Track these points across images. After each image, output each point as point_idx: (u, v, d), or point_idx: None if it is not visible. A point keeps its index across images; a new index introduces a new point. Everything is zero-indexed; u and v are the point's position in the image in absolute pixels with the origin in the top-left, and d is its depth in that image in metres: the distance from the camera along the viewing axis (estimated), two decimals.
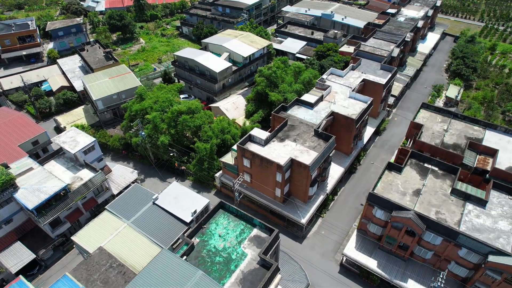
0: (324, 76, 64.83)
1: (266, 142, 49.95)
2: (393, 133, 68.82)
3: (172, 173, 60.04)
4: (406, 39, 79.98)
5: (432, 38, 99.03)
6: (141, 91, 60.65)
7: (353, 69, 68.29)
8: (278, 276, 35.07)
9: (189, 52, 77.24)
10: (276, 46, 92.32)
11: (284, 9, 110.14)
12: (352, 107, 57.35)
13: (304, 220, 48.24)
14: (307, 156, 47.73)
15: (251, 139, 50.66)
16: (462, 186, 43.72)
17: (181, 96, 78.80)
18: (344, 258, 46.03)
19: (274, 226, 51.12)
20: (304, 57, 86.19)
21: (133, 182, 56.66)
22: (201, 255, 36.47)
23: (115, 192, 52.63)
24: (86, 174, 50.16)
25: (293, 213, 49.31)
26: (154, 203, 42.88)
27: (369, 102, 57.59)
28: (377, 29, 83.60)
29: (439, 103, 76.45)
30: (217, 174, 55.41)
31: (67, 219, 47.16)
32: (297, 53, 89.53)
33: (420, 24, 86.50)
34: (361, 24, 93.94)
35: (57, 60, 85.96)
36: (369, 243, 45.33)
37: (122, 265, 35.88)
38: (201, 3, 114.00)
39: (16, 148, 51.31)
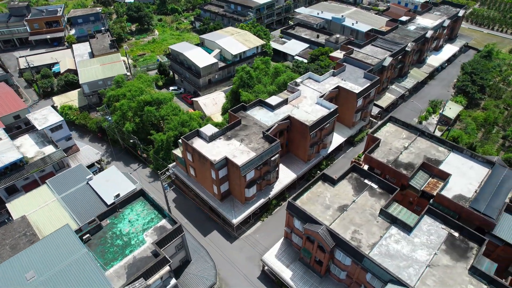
0: (299, 80, 63.48)
1: (212, 138, 50.48)
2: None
3: (135, 159, 62.85)
4: (407, 49, 75.05)
5: (449, 50, 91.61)
6: (119, 79, 64.12)
7: (333, 75, 65.95)
8: (166, 268, 35.72)
9: (182, 46, 79.72)
10: (276, 46, 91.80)
11: (297, 10, 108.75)
12: (314, 113, 55.67)
13: (235, 221, 48.10)
14: (246, 156, 47.49)
15: (199, 134, 51.52)
16: (396, 209, 40.84)
17: (171, 88, 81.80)
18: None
19: (211, 223, 52.05)
20: (303, 59, 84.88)
21: (98, 163, 60.57)
22: (105, 236, 38.40)
23: None
24: (49, 150, 54.45)
25: (227, 212, 49.38)
26: (87, 183, 45.60)
27: (332, 110, 55.46)
28: (378, 36, 79.51)
29: (433, 119, 70.95)
30: (171, 165, 57.03)
31: (24, 189, 51.65)
32: (296, 55, 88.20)
33: (429, 34, 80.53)
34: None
35: (73, 45, 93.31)
36: (291, 253, 44.08)
37: (35, 234, 38.87)
38: (218, 0, 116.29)
39: None
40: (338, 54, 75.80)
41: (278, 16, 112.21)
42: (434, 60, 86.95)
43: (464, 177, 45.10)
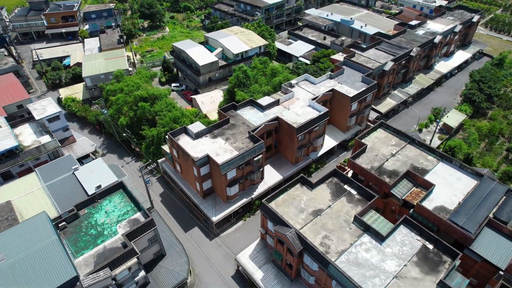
0: (294, 82, 63.07)
1: (197, 136, 50.99)
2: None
3: (129, 153, 64.20)
4: (411, 54, 72.96)
5: (460, 56, 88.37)
6: (118, 73, 65.80)
7: (330, 77, 65.08)
8: (133, 260, 36.45)
9: (185, 44, 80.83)
10: (281, 47, 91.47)
11: (307, 11, 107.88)
12: (304, 116, 55.19)
13: (215, 218, 48.42)
14: (228, 155, 47.69)
15: (186, 131, 52.14)
16: (372, 217, 39.97)
17: (173, 84, 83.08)
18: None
19: (194, 219, 52.62)
20: (307, 61, 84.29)
21: (93, 153, 62.41)
22: (81, 225, 39.60)
23: None
24: (45, 140, 56.53)
25: (208, 209, 49.76)
26: (73, 173, 47.13)
27: (322, 113, 54.76)
28: (383, 40, 77.74)
29: (433, 128, 68.57)
30: (160, 161, 58.01)
31: (19, 175, 53.84)
32: (300, 56, 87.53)
33: (437, 39, 77.97)
34: None
35: (85, 40, 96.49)
36: (266, 254, 43.93)
37: (16, 219, 40.54)
38: None
39: (0, 108, 60.00)
40: (340, 56, 74.66)
41: (288, 16, 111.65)
42: (443, 66, 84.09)
43: (449, 188, 43.53)
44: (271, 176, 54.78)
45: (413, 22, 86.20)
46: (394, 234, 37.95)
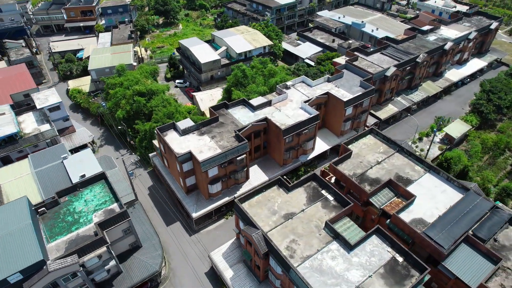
0: (290, 83, 62.57)
1: (185, 132, 51.65)
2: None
3: (126, 145, 65.91)
4: (417, 60, 70.52)
5: (475, 65, 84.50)
6: (119, 68, 67.70)
7: (328, 80, 64.03)
8: (103, 248, 37.50)
9: (190, 41, 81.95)
10: (288, 48, 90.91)
11: (319, 13, 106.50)
12: (294, 118, 54.69)
13: (194, 215, 48.95)
14: (211, 153, 48.03)
15: (174, 127, 52.93)
16: (345, 224, 39.13)
17: (177, 81, 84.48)
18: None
19: (177, 214, 53.41)
20: (312, 63, 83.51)
21: (91, 144, 64.62)
22: (60, 211, 41.14)
23: (68, 148, 60.67)
24: (44, 128, 59.07)
25: (190, 205, 50.35)
26: (62, 162, 49.00)
27: (312, 116, 54.03)
28: (390, 45, 75.57)
29: (436, 137, 66.00)
30: (151, 155, 59.22)
31: (17, 161, 56.64)
32: (306, 58, 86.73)
33: (448, 46, 74.93)
34: None
35: (99, 34, 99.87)
36: (239, 253, 43.94)
37: (2, 202, 42.66)
38: None
39: (7, 96, 63.27)
40: (343, 60, 73.23)
41: (300, 18, 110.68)
42: (454, 74, 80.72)
43: (432, 201, 41.87)
44: (257, 176, 54.68)
45: (425, 27, 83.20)
46: (365, 243, 36.96)
